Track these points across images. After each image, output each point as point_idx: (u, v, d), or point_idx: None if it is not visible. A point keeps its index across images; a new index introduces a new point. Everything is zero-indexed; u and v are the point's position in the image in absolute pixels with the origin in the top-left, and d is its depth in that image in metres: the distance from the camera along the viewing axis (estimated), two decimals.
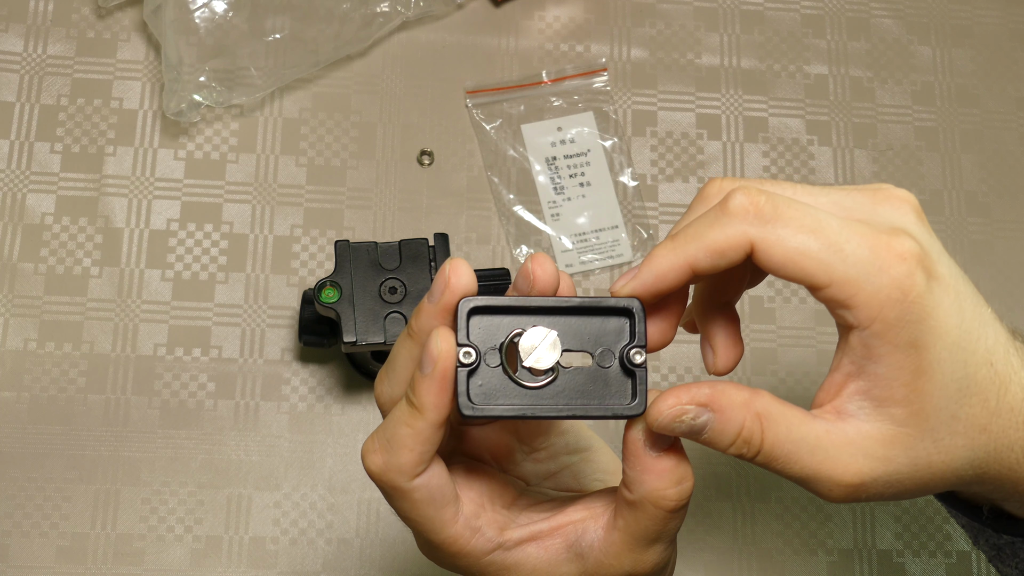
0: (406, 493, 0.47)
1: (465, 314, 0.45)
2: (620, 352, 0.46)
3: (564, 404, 0.46)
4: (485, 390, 0.45)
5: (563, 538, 0.48)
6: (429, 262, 0.70)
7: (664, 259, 0.45)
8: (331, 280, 0.69)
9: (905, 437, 0.44)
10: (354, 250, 0.70)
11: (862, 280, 0.43)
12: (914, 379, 0.44)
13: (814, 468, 0.44)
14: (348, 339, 0.68)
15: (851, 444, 0.44)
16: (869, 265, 0.43)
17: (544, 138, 0.83)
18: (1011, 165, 0.86)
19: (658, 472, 0.46)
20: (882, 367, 0.44)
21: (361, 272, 0.69)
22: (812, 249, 0.43)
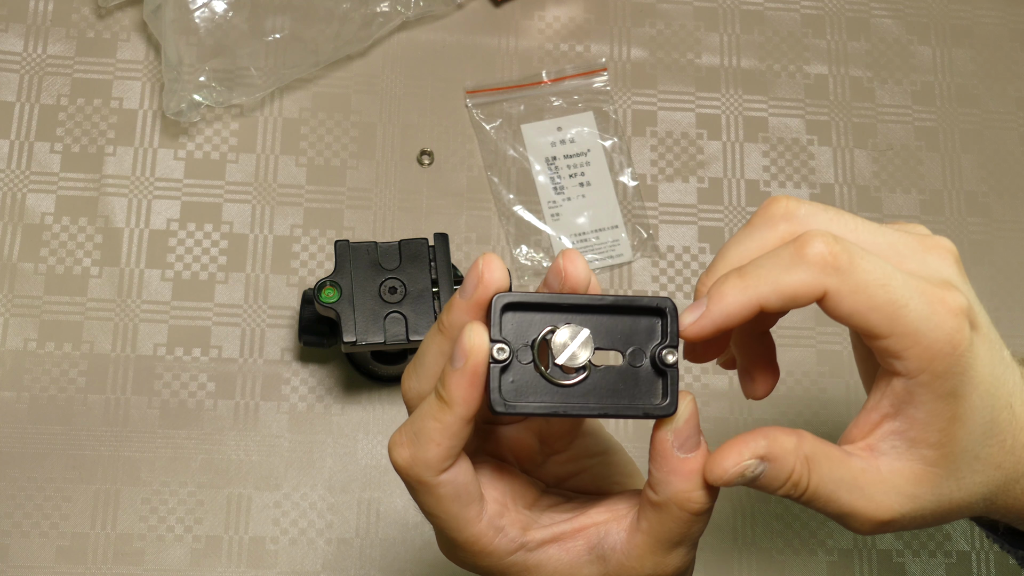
0: (432, 488, 0.46)
1: (499, 310, 0.45)
2: (652, 352, 0.46)
3: (595, 403, 0.45)
4: (516, 387, 0.45)
5: (585, 540, 0.48)
6: (429, 262, 0.70)
7: (735, 298, 0.45)
8: (331, 280, 0.69)
9: (933, 476, 0.46)
10: (354, 250, 0.70)
11: (920, 335, 0.44)
12: (949, 425, 0.45)
13: (851, 506, 0.46)
14: (348, 339, 0.68)
15: (884, 482, 0.46)
16: (928, 321, 0.44)
17: (544, 138, 0.83)
18: (1011, 165, 0.86)
19: (685, 474, 0.46)
20: (921, 412, 0.45)
21: (361, 272, 0.69)
22: (880, 303, 0.44)
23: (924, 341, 0.44)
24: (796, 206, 0.47)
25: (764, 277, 0.45)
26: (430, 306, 0.68)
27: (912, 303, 0.44)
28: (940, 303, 0.44)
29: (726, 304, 0.45)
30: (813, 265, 0.44)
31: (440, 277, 0.69)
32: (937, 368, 0.44)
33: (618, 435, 0.77)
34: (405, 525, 0.74)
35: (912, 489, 0.46)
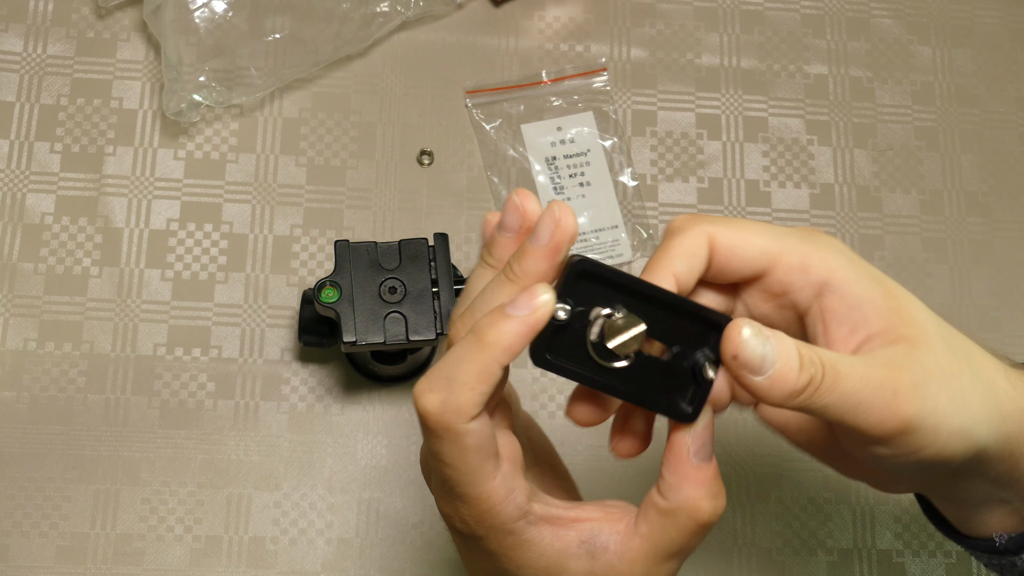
0: (459, 436, 0.46)
1: (576, 273, 0.45)
2: (696, 358, 0.46)
3: (624, 385, 0.46)
4: (560, 346, 0.45)
5: (578, 532, 0.49)
6: (429, 262, 0.70)
7: (650, 278, 0.47)
8: (331, 280, 0.69)
9: (911, 353, 0.47)
10: (354, 250, 0.70)
11: (809, 246, 0.48)
12: (891, 299, 0.47)
13: (873, 409, 0.46)
14: (348, 339, 0.68)
15: (881, 388, 0.46)
16: (806, 243, 0.48)
17: (544, 138, 0.83)
18: (1011, 165, 0.86)
19: (698, 481, 0.47)
20: (862, 308, 0.47)
21: (361, 272, 0.69)
22: (758, 232, 0.48)
23: (815, 247, 0.48)
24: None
25: (660, 254, 0.49)
26: (430, 306, 0.68)
27: (785, 230, 0.49)
28: (810, 232, 0.49)
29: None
30: (686, 223, 0.49)
31: (440, 277, 0.69)
32: (842, 261, 0.48)
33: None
34: (405, 525, 0.74)
35: (909, 378, 0.46)
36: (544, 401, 0.78)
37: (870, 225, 0.83)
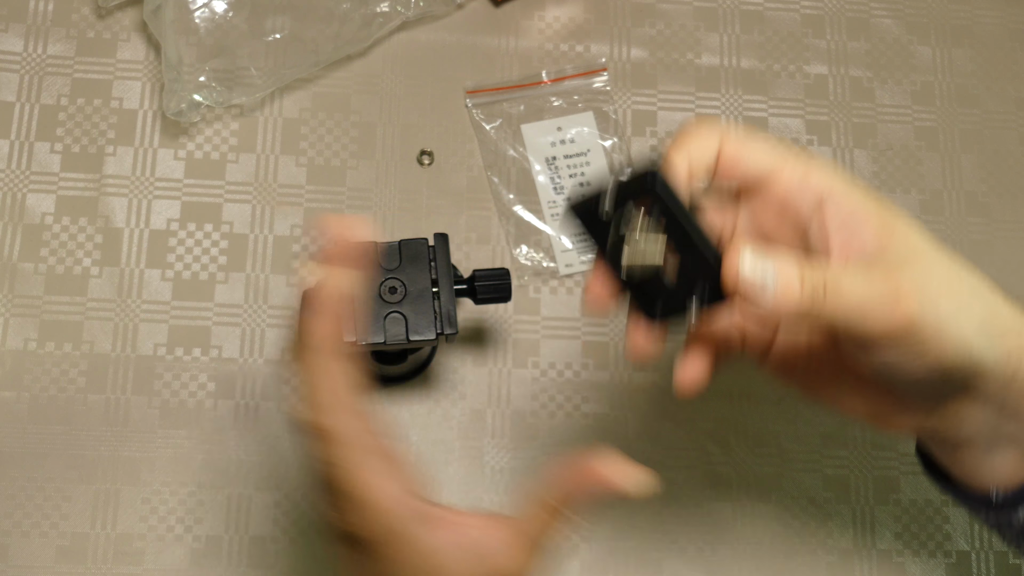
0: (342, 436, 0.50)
1: (645, 183, 0.50)
2: (690, 301, 0.51)
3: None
4: (594, 221, 0.52)
5: (466, 535, 0.51)
6: (429, 262, 0.70)
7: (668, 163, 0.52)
8: None
9: (910, 259, 0.49)
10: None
11: (808, 166, 0.51)
12: (883, 211, 0.51)
13: (868, 295, 0.48)
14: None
15: (883, 290, 0.48)
16: (808, 160, 0.52)
17: (544, 138, 0.83)
18: (1011, 165, 0.86)
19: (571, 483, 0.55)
20: (860, 220, 0.50)
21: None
22: (764, 143, 0.52)
23: (816, 165, 0.52)
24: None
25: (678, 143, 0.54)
26: (430, 306, 0.68)
27: (789, 156, 0.52)
28: (807, 153, 0.52)
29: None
30: (702, 126, 0.53)
31: (440, 277, 0.69)
32: (841, 179, 0.51)
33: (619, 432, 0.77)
34: None
35: (908, 283, 0.49)
36: (544, 401, 0.78)
37: None
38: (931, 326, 0.49)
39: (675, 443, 0.77)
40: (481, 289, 0.72)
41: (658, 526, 0.75)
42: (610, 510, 0.76)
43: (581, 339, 0.79)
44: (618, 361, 0.79)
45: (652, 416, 0.78)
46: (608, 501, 0.53)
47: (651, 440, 0.77)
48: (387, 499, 0.49)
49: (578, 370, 0.78)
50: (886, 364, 0.50)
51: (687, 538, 0.75)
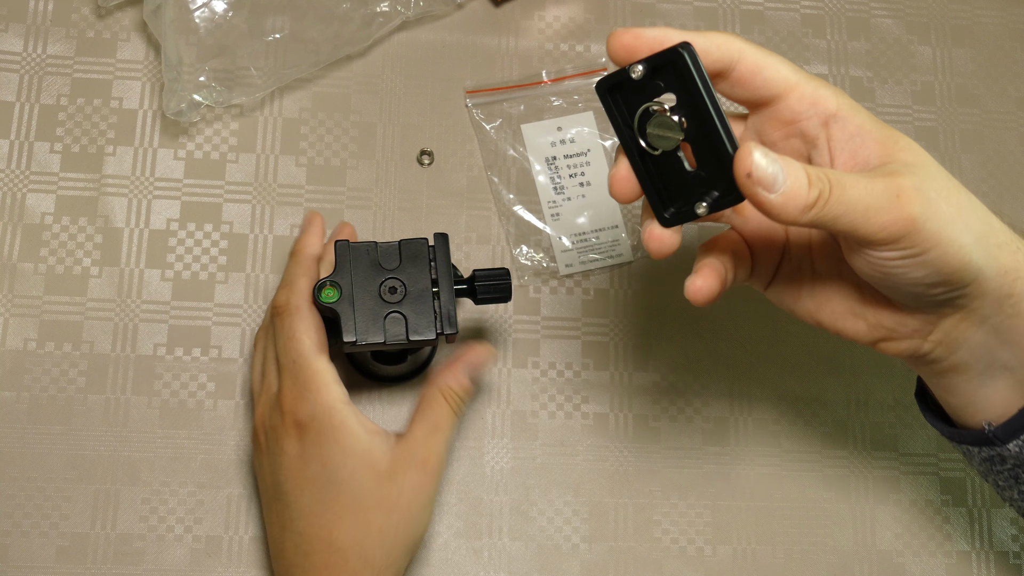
0: (304, 313, 0.68)
1: (671, 55, 0.52)
2: (704, 192, 0.53)
3: (643, 162, 0.55)
4: (618, 97, 0.55)
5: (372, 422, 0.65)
6: (429, 262, 0.70)
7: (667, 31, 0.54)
8: (331, 280, 0.69)
9: (911, 167, 0.53)
10: (354, 250, 0.70)
11: (819, 86, 0.54)
12: (887, 131, 0.54)
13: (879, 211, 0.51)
14: (348, 339, 0.68)
15: (885, 191, 0.51)
16: (819, 81, 0.54)
17: (544, 138, 0.83)
18: (1011, 165, 0.86)
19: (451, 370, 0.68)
20: (865, 137, 0.53)
21: (361, 272, 0.69)
22: (780, 60, 0.54)
23: (827, 87, 0.55)
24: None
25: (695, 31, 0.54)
26: (430, 306, 0.68)
27: (802, 76, 0.55)
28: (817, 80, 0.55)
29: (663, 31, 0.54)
30: (731, 35, 0.54)
31: (440, 277, 0.69)
32: (848, 101, 0.54)
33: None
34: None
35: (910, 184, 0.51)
36: (544, 401, 0.78)
37: None
38: (932, 228, 0.51)
39: (675, 443, 0.77)
40: (481, 289, 0.71)
41: (658, 526, 0.75)
42: (610, 510, 0.76)
43: (581, 339, 0.79)
44: (618, 361, 0.79)
45: (652, 416, 0.78)
46: (475, 374, 0.68)
47: (651, 440, 0.77)
48: (330, 376, 0.64)
49: (578, 370, 0.78)
50: (887, 269, 0.52)
51: (687, 538, 0.75)
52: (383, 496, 0.62)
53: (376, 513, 0.62)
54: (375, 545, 0.62)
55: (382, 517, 0.62)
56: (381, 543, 0.62)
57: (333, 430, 0.63)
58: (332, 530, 0.62)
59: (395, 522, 0.63)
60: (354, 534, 0.62)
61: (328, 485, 0.62)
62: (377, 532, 0.62)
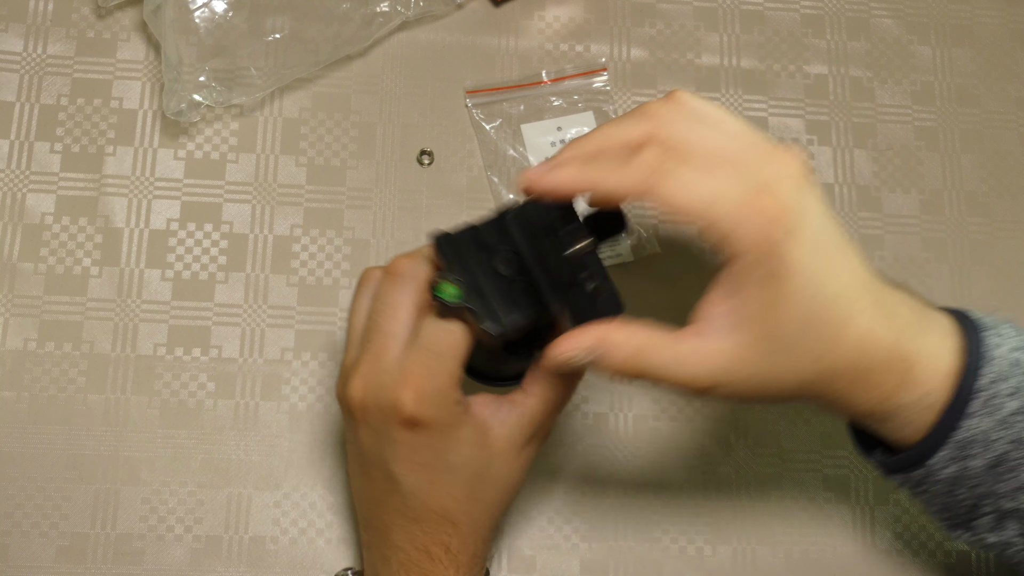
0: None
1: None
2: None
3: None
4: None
5: (474, 420, 0.63)
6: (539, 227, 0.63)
7: (569, 176, 0.57)
8: (451, 277, 0.61)
9: (751, 354, 0.56)
10: (455, 242, 0.63)
11: (732, 226, 0.55)
12: (766, 308, 0.55)
13: (680, 379, 0.57)
14: (494, 331, 0.61)
15: (706, 361, 0.56)
16: (737, 214, 0.55)
17: (544, 138, 0.83)
18: (1011, 165, 0.86)
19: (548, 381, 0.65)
20: (743, 297, 0.55)
21: (471, 257, 0.63)
22: (692, 200, 0.55)
23: (736, 232, 0.54)
24: (664, 108, 0.58)
25: (600, 171, 0.57)
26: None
27: (723, 202, 0.55)
28: (752, 204, 0.55)
29: (562, 179, 0.57)
30: (637, 170, 0.56)
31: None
32: (751, 257, 0.55)
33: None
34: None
35: (732, 364, 0.56)
36: None
37: (870, 225, 0.83)
38: (728, 395, 0.57)
39: (675, 443, 0.77)
40: (596, 224, 0.64)
41: (658, 526, 0.76)
42: (610, 510, 0.76)
43: None
44: None
45: (652, 416, 0.78)
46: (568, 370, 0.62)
47: (651, 440, 0.77)
48: (458, 390, 0.62)
49: None
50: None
51: (687, 538, 0.75)
52: (495, 473, 0.64)
53: (487, 488, 0.64)
54: (483, 513, 0.65)
55: (491, 491, 0.64)
56: (489, 511, 0.65)
57: (449, 426, 0.62)
58: (444, 503, 0.63)
59: (502, 492, 0.65)
60: (466, 507, 0.63)
61: (442, 471, 0.62)
62: (487, 503, 0.64)
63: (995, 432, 0.59)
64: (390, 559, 0.65)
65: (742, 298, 0.55)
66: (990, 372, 0.59)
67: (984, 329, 0.60)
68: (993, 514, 0.62)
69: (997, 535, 0.63)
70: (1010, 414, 0.59)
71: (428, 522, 0.63)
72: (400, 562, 0.64)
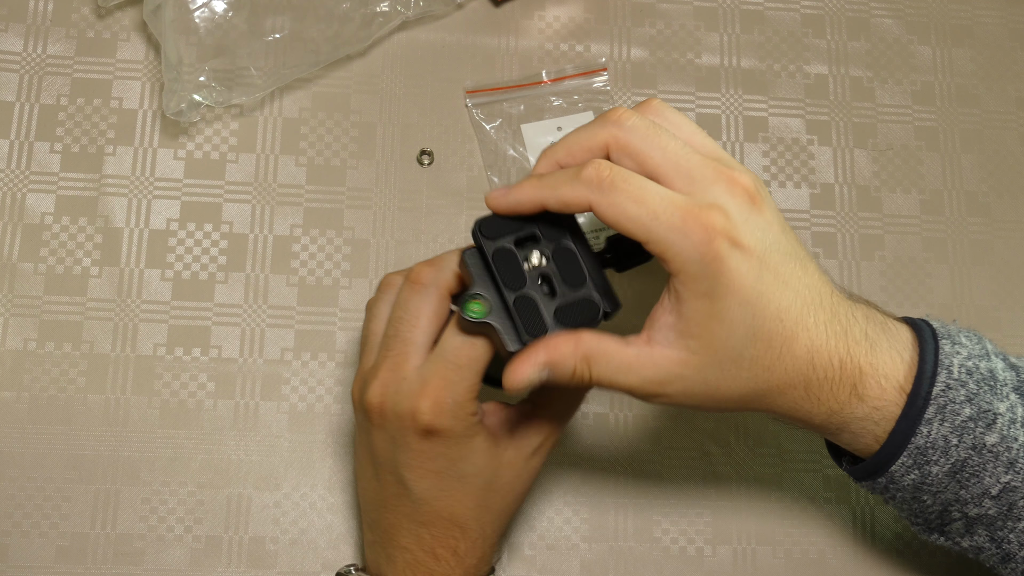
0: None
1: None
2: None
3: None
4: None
5: (487, 431, 0.64)
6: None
7: (527, 195, 0.59)
8: (477, 294, 0.61)
9: (697, 363, 0.57)
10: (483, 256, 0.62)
11: (671, 241, 0.56)
12: (708, 320, 0.56)
13: (628, 384, 0.58)
14: (515, 349, 0.60)
15: (654, 365, 0.58)
16: (678, 231, 0.56)
17: (544, 138, 0.83)
18: (1011, 165, 0.86)
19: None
20: (686, 308, 0.57)
21: (500, 270, 0.61)
22: (634, 214, 0.56)
23: (677, 247, 0.56)
24: (628, 117, 0.59)
25: (550, 185, 0.58)
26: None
27: (664, 215, 0.56)
28: (694, 219, 0.56)
29: (520, 196, 0.59)
30: (583, 183, 0.57)
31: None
32: (691, 270, 0.56)
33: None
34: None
35: (678, 370, 0.58)
36: None
37: (870, 225, 0.83)
38: (680, 402, 0.59)
39: (675, 443, 0.77)
40: (623, 254, 0.65)
41: (658, 526, 0.76)
42: (610, 510, 0.76)
43: None
44: None
45: (652, 416, 0.78)
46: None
47: (651, 440, 0.77)
48: (471, 399, 0.62)
49: None
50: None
51: (687, 538, 0.75)
52: (504, 482, 0.65)
53: (496, 496, 0.65)
54: (492, 519, 0.65)
55: (500, 499, 0.65)
56: (498, 518, 0.66)
57: (464, 436, 0.63)
58: (454, 510, 0.64)
59: (511, 500, 0.66)
60: (475, 513, 0.64)
61: (454, 479, 0.63)
62: (496, 511, 0.65)
63: (952, 438, 0.60)
64: (396, 559, 0.65)
65: (685, 310, 0.57)
66: (945, 380, 0.60)
67: (942, 338, 0.61)
68: (961, 520, 0.63)
69: (969, 540, 0.64)
70: (965, 420, 0.60)
71: (437, 526, 0.64)
72: (407, 562, 0.64)
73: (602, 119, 0.60)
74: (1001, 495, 0.61)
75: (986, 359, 0.61)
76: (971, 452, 0.60)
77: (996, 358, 0.62)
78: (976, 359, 0.61)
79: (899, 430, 0.60)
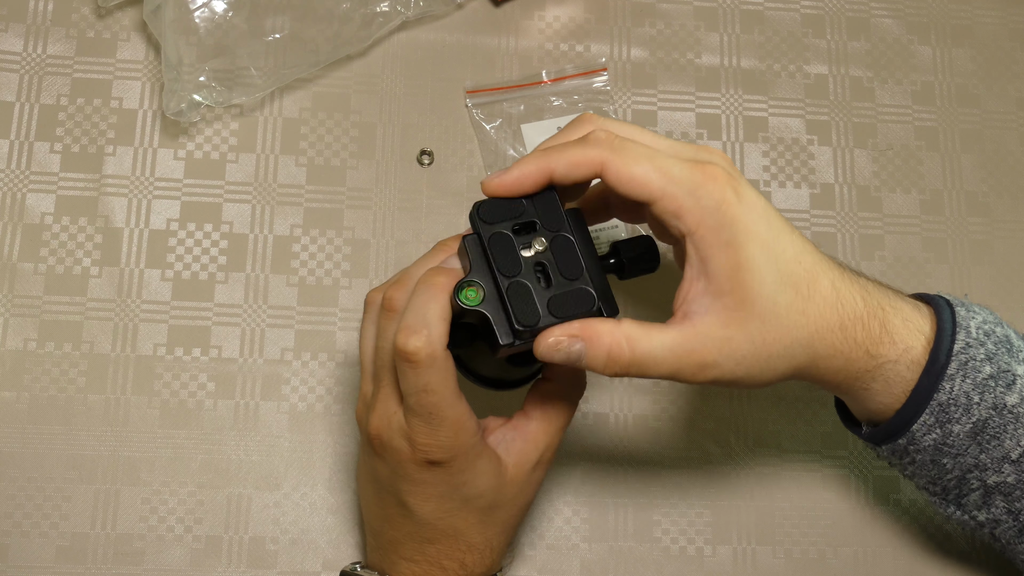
0: (442, 362, 0.58)
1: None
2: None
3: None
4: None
5: (490, 450, 0.63)
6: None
7: (531, 166, 0.58)
8: (473, 281, 0.59)
9: (739, 319, 0.56)
10: (482, 242, 0.60)
11: (686, 194, 0.56)
12: (737, 272, 0.56)
13: (676, 364, 0.57)
14: (506, 341, 0.59)
15: (699, 335, 0.57)
16: (690, 181, 0.56)
17: (544, 138, 0.83)
18: (1011, 165, 0.86)
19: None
20: (712, 266, 0.56)
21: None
22: (647, 170, 0.57)
23: (691, 199, 0.56)
24: (601, 119, 0.60)
25: (557, 151, 0.58)
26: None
27: (675, 170, 0.56)
28: (700, 170, 0.57)
29: (525, 168, 0.58)
30: (593, 143, 0.58)
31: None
32: (710, 222, 0.56)
33: None
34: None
35: (723, 332, 0.57)
36: None
37: (870, 225, 0.84)
38: (728, 381, 0.58)
39: (675, 443, 0.77)
40: (629, 262, 0.64)
41: (658, 526, 0.76)
42: (610, 510, 0.76)
43: None
44: None
45: (652, 416, 0.78)
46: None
47: (651, 440, 0.77)
48: (465, 417, 0.60)
49: None
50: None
51: (687, 538, 0.75)
52: (507, 499, 0.64)
53: (500, 512, 0.64)
54: (498, 534, 0.65)
55: (505, 514, 0.65)
56: (504, 531, 0.65)
57: (466, 463, 0.61)
58: (458, 527, 0.63)
59: (516, 515, 0.65)
60: (480, 528, 0.64)
61: (458, 501, 0.62)
62: (502, 526, 0.65)
63: (974, 395, 0.60)
64: (401, 569, 0.65)
65: (711, 271, 0.56)
66: (964, 338, 0.61)
67: (956, 305, 0.63)
68: (980, 490, 0.63)
69: (986, 512, 0.65)
70: (986, 378, 0.61)
71: (442, 543, 0.64)
72: (413, 573, 0.64)
73: (578, 121, 0.61)
74: (1021, 459, 0.62)
75: (1001, 326, 0.63)
76: (992, 412, 0.61)
77: (1009, 328, 0.64)
78: (991, 324, 0.62)
79: (921, 387, 0.60)
